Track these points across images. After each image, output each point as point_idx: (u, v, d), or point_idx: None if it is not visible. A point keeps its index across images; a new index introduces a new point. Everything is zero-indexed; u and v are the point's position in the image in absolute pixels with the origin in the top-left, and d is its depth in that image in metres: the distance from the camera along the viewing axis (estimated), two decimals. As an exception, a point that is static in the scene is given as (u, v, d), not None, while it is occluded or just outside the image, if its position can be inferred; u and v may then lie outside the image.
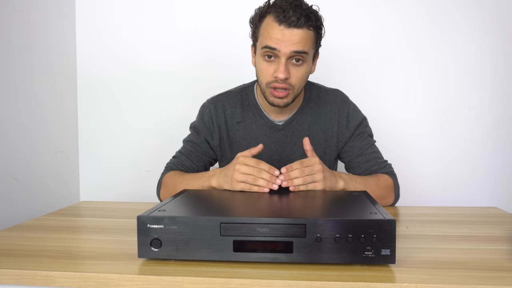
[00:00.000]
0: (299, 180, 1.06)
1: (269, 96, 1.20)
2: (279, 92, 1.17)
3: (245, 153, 1.08)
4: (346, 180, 1.15)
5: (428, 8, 1.78)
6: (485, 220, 1.12)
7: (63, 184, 1.80)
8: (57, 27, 1.76)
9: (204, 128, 1.32)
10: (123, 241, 0.91)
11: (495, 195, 1.81)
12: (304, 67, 1.16)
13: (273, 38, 1.12)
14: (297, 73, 1.16)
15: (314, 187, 1.08)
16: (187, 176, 1.21)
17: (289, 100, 1.20)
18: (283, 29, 1.11)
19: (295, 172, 1.06)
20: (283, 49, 1.11)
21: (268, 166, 1.05)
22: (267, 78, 1.17)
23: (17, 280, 0.75)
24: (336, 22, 1.77)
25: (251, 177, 1.04)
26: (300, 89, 1.21)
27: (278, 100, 1.19)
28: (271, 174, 1.04)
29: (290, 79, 1.15)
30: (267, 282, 0.70)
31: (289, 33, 1.11)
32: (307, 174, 1.07)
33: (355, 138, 1.30)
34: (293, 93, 1.19)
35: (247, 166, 1.05)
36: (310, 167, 1.07)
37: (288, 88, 1.16)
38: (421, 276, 0.71)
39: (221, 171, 1.12)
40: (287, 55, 1.12)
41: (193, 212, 0.86)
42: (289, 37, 1.11)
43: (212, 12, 1.83)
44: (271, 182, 1.04)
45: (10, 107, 1.47)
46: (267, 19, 1.15)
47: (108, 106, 1.89)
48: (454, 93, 1.80)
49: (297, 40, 1.11)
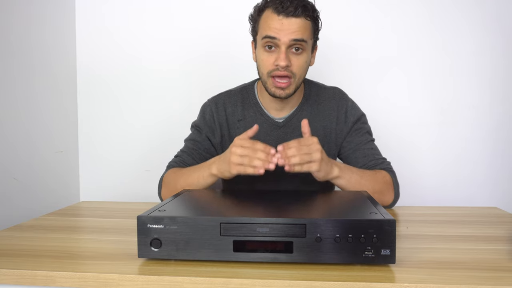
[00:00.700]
0: (296, 159, 1.03)
1: (270, 87, 1.21)
2: (280, 83, 1.18)
3: (241, 136, 1.08)
4: (342, 168, 1.14)
5: (428, 8, 1.78)
6: (485, 220, 1.12)
7: (63, 184, 1.80)
8: (57, 27, 1.76)
9: (206, 126, 1.32)
10: (123, 241, 0.91)
11: (495, 195, 1.81)
12: (304, 55, 1.19)
13: (272, 28, 1.15)
14: (297, 61, 1.18)
15: (310, 167, 1.05)
16: (187, 169, 1.21)
17: (291, 90, 1.20)
18: (281, 19, 1.15)
19: (292, 150, 1.03)
20: (282, 37, 1.14)
21: (264, 145, 1.03)
22: (268, 67, 1.19)
23: (17, 280, 0.75)
24: (336, 21, 1.77)
25: (247, 158, 1.03)
26: (301, 79, 1.22)
27: (280, 91, 1.20)
28: (267, 153, 1.02)
29: (291, 67, 1.17)
30: (267, 282, 0.70)
31: (287, 22, 1.14)
32: (305, 152, 1.04)
33: (353, 133, 1.30)
34: (294, 82, 1.20)
35: (243, 148, 1.04)
36: (308, 146, 1.05)
37: (290, 76, 1.18)
38: (421, 276, 0.71)
39: (220, 157, 1.13)
40: (286, 43, 1.15)
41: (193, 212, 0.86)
42: (288, 26, 1.14)
43: (212, 11, 1.83)
44: (267, 161, 1.02)
45: (10, 107, 1.46)
46: (266, 12, 1.19)
47: (108, 106, 1.89)
48: (454, 93, 1.80)
49: (296, 29, 1.14)
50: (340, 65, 1.81)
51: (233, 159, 1.05)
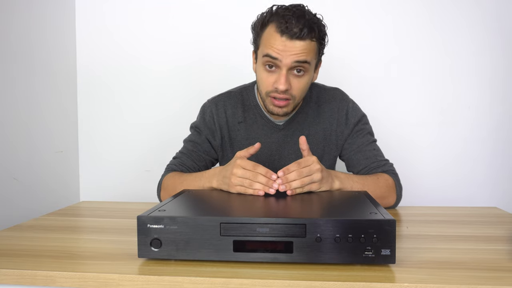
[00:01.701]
0: (296, 183, 1.02)
1: (269, 105, 1.20)
2: (279, 102, 1.17)
3: (242, 153, 1.07)
4: (343, 179, 1.13)
5: (428, 8, 1.78)
6: (485, 220, 1.12)
7: (63, 184, 1.80)
8: (57, 27, 1.76)
9: (206, 127, 1.32)
10: (123, 241, 0.91)
11: (495, 195, 1.81)
12: (306, 77, 1.16)
13: (274, 48, 1.10)
14: (298, 84, 1.15)
15: (311, 188, 1.05)
16: (186, 176, 1.20)
17: (289, 109, 1.20)
18: (284, 41, 1.09)
19: (292, 174, 1.02)
20: (284, 59, 1.10)
21: (265, 170, 1.02)
22: (267, 87, 1.17)
23: (17, 280, 0.75)
24: (336, 21, 1.77)
25: (247, 181, 1.02)
26: (300, 99, 1.21)
27: (278, 109, 1.19)
28: (267, 178, 1.01)
29: (291, 90, 1.15)
30: (267, 282, 0.70)
31: (291, 44, 1.09)
32: (305, 175, 1.03)
33: (354, 135, 1.29)
34: (293, 103, 1.19)
35: (244, 170, 1.02)
36: (308, 167, 1.04)
37: (289, 98, 1.16)
38: (421, 276, 0.71)
39: (220, 171, 1.11)
40: (288, 65, 1.11)
41: (193, 212, 0.86)
42: (291, 48, 1.09)
43: (212, 11, 1.83)
44: (268, 186, 1.01)
45: (10, 107, 1.46)
46: (269, 28, 1.13)
47: (108, 106, 1.89)
48: (454, 93, 1.80)
49: (299, 51, 1.10)
50: (340, 65, 1.81)
51: (234, 181, 1.04)
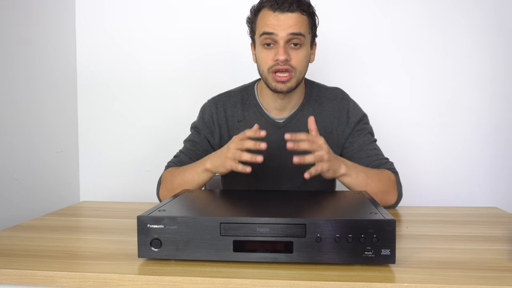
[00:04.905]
0: (305, 144, 1.04)
1: (271, 82, 1.21)
2: (281, 76, 1.18)
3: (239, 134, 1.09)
4: (349, 166, 1.14)
5: (428, 8, 1.78)
6: (485, 220, 1.12)
7: (63, 184, 1.80)
8: (57, 27, 1.76)
9: (205, 127, 1.32)
10: (123, 241, 0.91)
11: (495, 195, 1.81)
12: (303, 50, 1.20)
13: (269, 24, 1.17)
14: (297, 55, 1.19)
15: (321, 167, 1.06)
16: (183, 168, 1.22)
17: (292, 84, 1.20)
18: (278, 15, 1.17)
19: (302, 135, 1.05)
20: (280, 32, 1.16)
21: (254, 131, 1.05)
22: (268, 63, 1.19)
23: (17, 280, 0.75)
24: (336, 21, 1.77)
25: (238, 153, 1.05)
26: (302, 74, 1.22)
27: (281, 85, 1.20)
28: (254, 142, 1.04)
29: (291, 61, 1.18)
30: (267, 282, 0.70)
31: (284, 17, 1.17)
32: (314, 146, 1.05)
33: (355, 134, 1.30)
34: (295, 76, 1.20)
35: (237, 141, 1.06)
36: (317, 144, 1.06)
37: (290, 69, 1.18)
38: (421, 276, 0.71)
39: (215, 152, 1.15)
40: (285, 38, 1.16)
41: (193, 212, 0.86)
42: (285, 21, 1.16)
43: (212, 11, 1.83)
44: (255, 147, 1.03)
45: (10, 107, 1.46)
46: (262, 12, 1.21)
47: (108, 106, 1.89)
48: (454, 93, 1.80)
49: (293, 23, 1.16)
50: (340, 65, 1.81)
51: (229, 154, 1.07)
